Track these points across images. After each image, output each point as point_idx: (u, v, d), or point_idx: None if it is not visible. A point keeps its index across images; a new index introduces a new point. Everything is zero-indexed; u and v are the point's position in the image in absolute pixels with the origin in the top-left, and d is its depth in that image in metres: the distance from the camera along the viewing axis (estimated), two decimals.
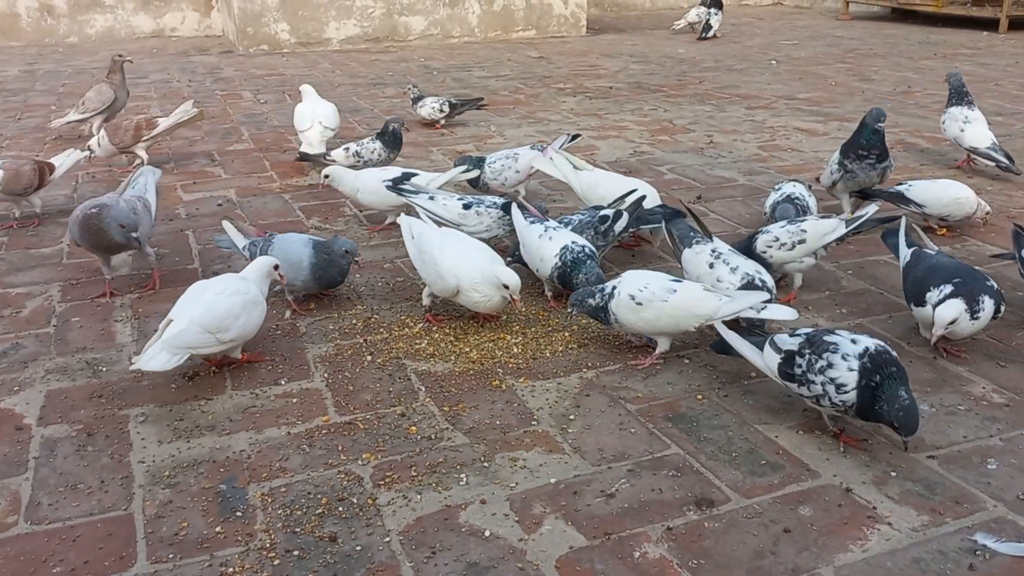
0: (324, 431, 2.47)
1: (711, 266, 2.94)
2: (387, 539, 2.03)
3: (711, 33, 10.70)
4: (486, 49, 10.09)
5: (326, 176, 4.15)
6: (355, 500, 2.16)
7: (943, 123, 4.93)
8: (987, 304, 2.72)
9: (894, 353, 2.30)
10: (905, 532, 2.03)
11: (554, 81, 7.98)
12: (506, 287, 2.90)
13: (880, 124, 3.83)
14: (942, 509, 2.10)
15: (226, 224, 3.47)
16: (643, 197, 3.45)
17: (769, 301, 2.74)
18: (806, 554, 1.96)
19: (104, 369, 2.82)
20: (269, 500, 2.17)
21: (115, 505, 2.16)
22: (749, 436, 2.42)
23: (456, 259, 2.98)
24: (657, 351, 2.83)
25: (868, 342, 2.30)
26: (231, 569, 1.94)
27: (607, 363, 2.83)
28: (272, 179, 4.97)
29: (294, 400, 2.63)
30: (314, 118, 5.10)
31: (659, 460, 2.31)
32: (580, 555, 1.97)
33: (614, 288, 2.81)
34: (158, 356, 2.56)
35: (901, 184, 4.03)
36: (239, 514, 2.12)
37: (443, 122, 6.16)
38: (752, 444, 2.38)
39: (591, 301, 2.83)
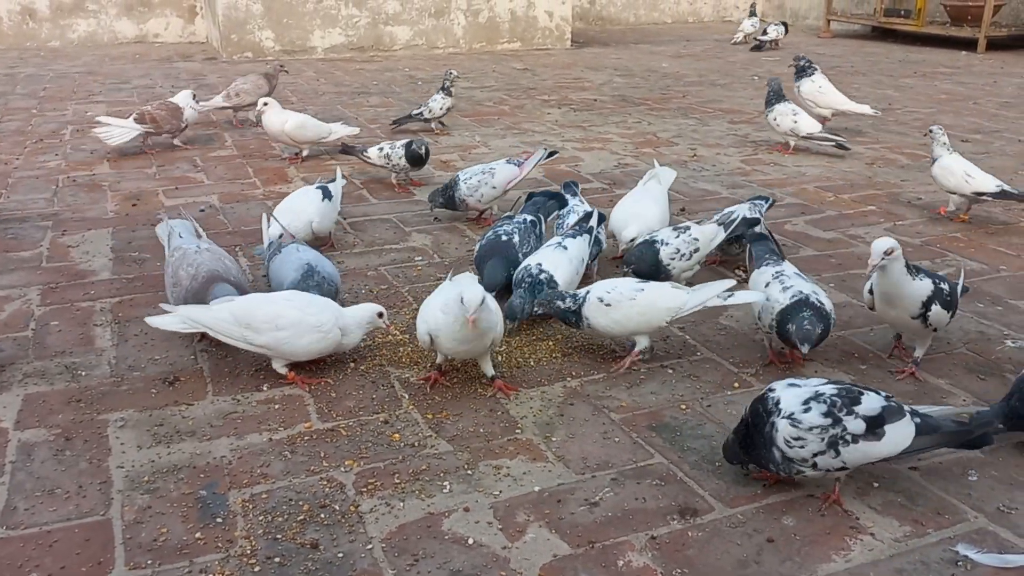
0: (306, 437, 2.45)
1: (767, 285, 2.87)
2: (369, 546, 2.01)
3: (768, 42, 11.05)
4: (471, 60, 10.12)
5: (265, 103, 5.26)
6: (337, 507, 2.14)
7: (774, 120, 5.65)
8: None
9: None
10: (887, 542, 2.04)
11: (539, 93, 8.01)
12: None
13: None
14: (924, 520, 2.11)
15: (267, 221, 3.48)
16: (747, 220, 3.49)
17: (733, 289, 2.83)
18: (789, 564, 1.97)
19: (83, 373, 2.79)
20: (250, 506, 2.14)
21: (93, 510, 2.12)
22: None
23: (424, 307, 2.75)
24: (636, 349, 2.86)
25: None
26: (211, 575, 1.92)
27: (591, 372, 2.83)
28: (255, 185, 4.94)
29: (276, 406, 2.60)
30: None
31: (643, 469, 2.31)
32: (564, 563, 1.96)
33: (587, 292, 2.83)
34: (170, 317, 2.63)
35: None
36: (219, 520, 2.09)
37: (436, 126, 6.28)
38: None
39: (560, 304, 2.84)
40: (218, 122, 6.57)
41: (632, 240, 3.49)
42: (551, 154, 4.49)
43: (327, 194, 3.84)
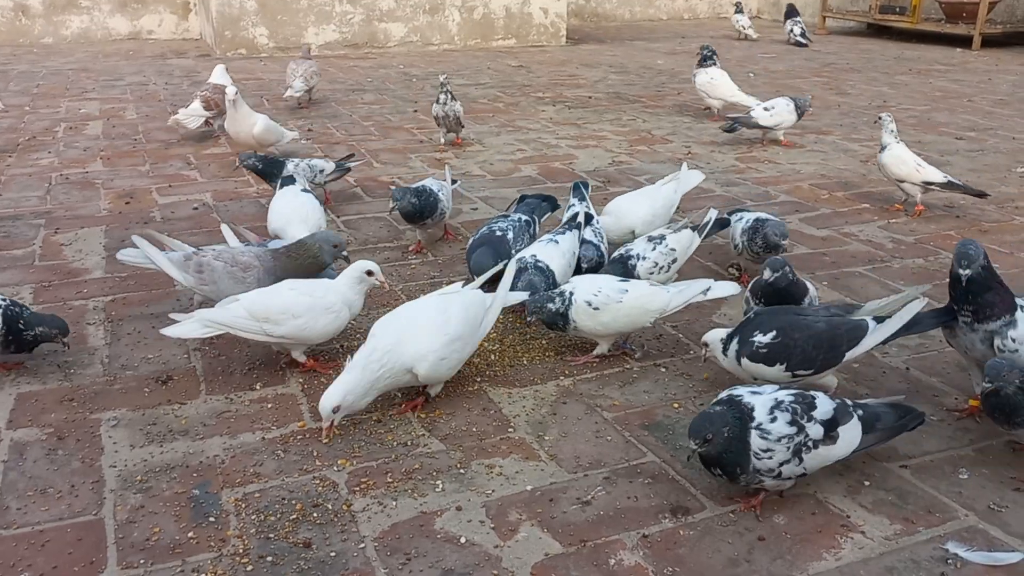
0: (299, 436, 2.45)
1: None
2: (362, 545, 2.01)
3: (803, 39, 11.15)
4: (466, 57, 10.11)
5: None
6: (330, 506, 2.15)
7: (694, 78, 6.50)
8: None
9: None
10: (878, 541, 2.05)
11: (533, 90, 8.00)
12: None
13: None
14: (914, 518, 2.12)
15: (224, 228, 3.39)
16: (720, 221, 3.51)
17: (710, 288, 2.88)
18: (780, 562, 1.97)
19: (76, 372, 2.78)
20: (243, 505, 2.14)
21: (85, 510, 2.12)
22: None
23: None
24: (595, 352, 2.89)
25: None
26: (203, 575, 1.91)
27: (584, 371, 2.84)
28: (248, 183, 4.93)
29: (269, 405, 2.60)
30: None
31: (635, 468, 2.32)
32: (556, 562, 1.97)
33: (571, 295, 2.82)
34: (188, 323, 2.64)
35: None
36: (212, 519, 2.09)
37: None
38: None
39: (551, 306, 2.83)
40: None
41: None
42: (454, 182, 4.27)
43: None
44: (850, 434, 2.14)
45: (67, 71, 8.78)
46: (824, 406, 2.12)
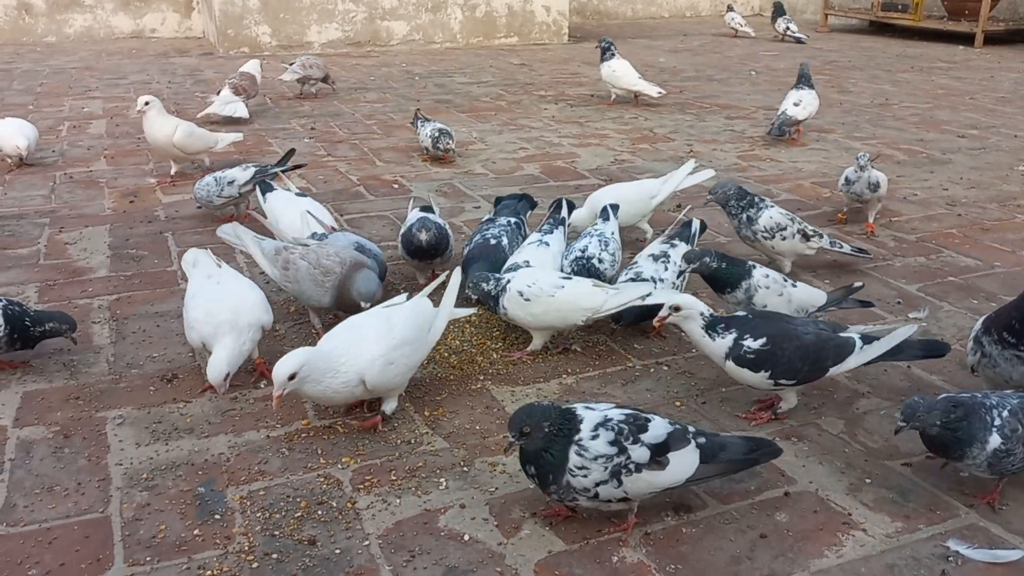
0: (304, 434, 2.46)
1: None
2: (366, 543, 2.03)
3: (801, 35, 11.23)
4: (468, 55, 10.11)
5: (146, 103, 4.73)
6: (334, 504, 2.16)
7: (600, 71, 6.90)
8: None
9: None
10: (879, 538, 2.06)
11: (536, 88, 8.01)
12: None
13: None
14: (915, 516, 2.13)
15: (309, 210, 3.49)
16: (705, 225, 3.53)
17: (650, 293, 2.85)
18: (782, 560, 1.99)
19: (82, 371, 2.80)
20: (248, 503, 2.16)
21: (92, 507, 2.14)
22: None
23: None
24: (529, 348, 2.92)
25: None
26: (209, 572, 1.93)
27: (586, 369, 2.85)
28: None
29: (273, 403, 2.61)
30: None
31: None
32: (559, 559, 1.98)
33: (508, 282, 2.86)
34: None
35: None
36: (217, 517, 2.11)
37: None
38: None
39: (484, 286, 2.89)
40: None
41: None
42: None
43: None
44: (683, 462, 2.02)
45: (70, 70, 8.80)
46: (657, 430, 2.02)
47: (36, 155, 5.35)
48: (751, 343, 2.42)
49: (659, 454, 2.00)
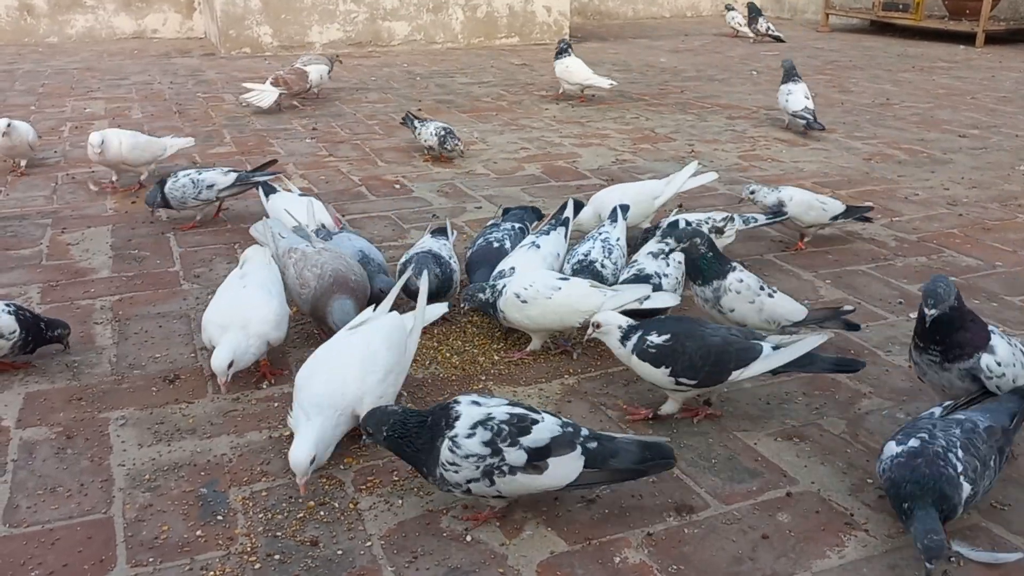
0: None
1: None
2: (368, 543, 2.03)
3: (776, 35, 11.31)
4: (469, 55, 10.11)
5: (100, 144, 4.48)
6: (337, 504, 2.16)
7: (555, 68, 7.25)
8: None
9: None
10: (881, 539, 2.06)
11: (537, 88, 8.01)
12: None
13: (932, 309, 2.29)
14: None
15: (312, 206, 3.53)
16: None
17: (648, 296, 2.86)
18: (784, 560, 1.99)
19: (84, 372, 2.80)
20: (250, 504, 2.16)
21: (95, 508, 2.14)
22: (728, 443, 2.44)
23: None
24: (528, 348, 2.92)
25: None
26: (211, 573, 1.93)
27: (588, 370, 2.85)
28: None
29: (276, 404, 2.62)
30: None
31: None
32: (561, 560, 1.99)
33: (504, 286, 2.86)
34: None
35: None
36: (220, 518, 2.11)
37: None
38: (731, 451, 2.40)
39: (480, 296, 2.90)
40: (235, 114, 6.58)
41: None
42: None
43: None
44: (564, 468, 1.99)
45: (72, 70, 8.81)
46: (540, 433, 1.98)
47: (38, 156, 5.37)
48: (654, 338, 2.43)
49: (538, 458, 1.97)
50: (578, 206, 3.52)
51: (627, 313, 2.79)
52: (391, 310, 2.63)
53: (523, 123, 6.56)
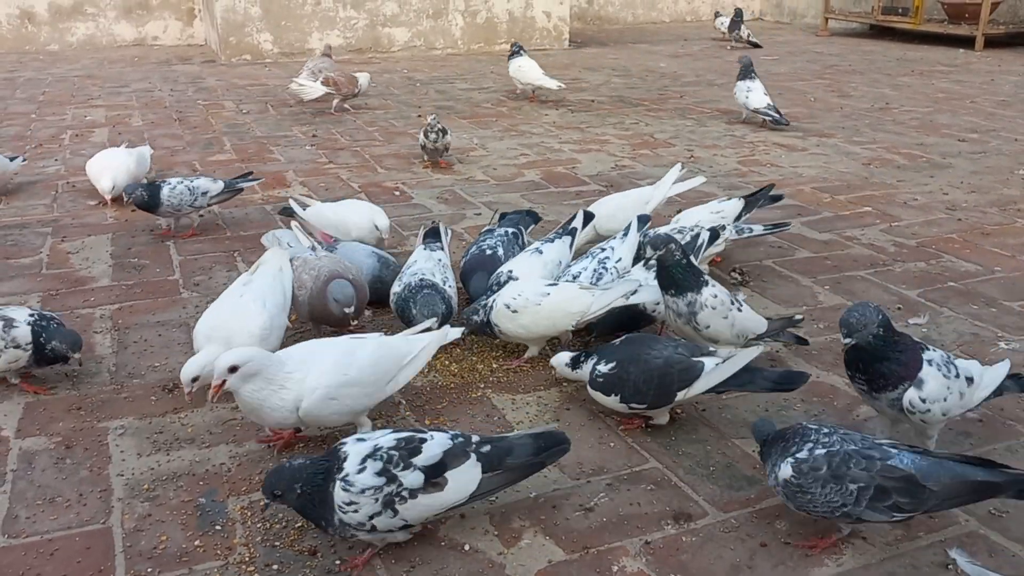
0: (303, 445, 2.47)
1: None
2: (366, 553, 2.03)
3: (754, 41, 11.30)
4: (469, 61, 10.13)
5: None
6: None
7: (508, 68, 7.58)
8: None
9: None
10: (879, 547, 2.06)
11: (536, 94, 8.01)
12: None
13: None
14: (915, 524, 2.13)
15: (294, 226, 3.54)
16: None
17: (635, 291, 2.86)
18: (782, 568, 1.99)
19: (83, 381, 2.81)
20: (249, 513, 2.17)
21: (93, 519, 2.15)
22: (726, 450, 2.44)
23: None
24: (527, 354, 2.93)
25: None
26: None
27: None
28: (254, 190, 4.95)
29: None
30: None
31: (637, 474, 2.33)
32: (559, 569, 1.99)
33: (493, 300, 2.88)
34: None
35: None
36: (218, 528, 2.12)
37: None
38: (729, 458, 2.41)
39: (476, 319, 2.91)
40: (232, 120, 6.60)
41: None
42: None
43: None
44: (464, 478, 1.97)
45: (73, 78, 8.83)
46: (431, 450, 1.96)
47: (38, 164, 5.38)
48: (602, 367, 2.48)
49: (435, 475, 1.94)
50: (588, 217, 3.51)
51: (620, 310, 2.81)
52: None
53: (523, 129, 6.57)
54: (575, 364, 2.58)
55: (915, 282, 3.61)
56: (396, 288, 3.02)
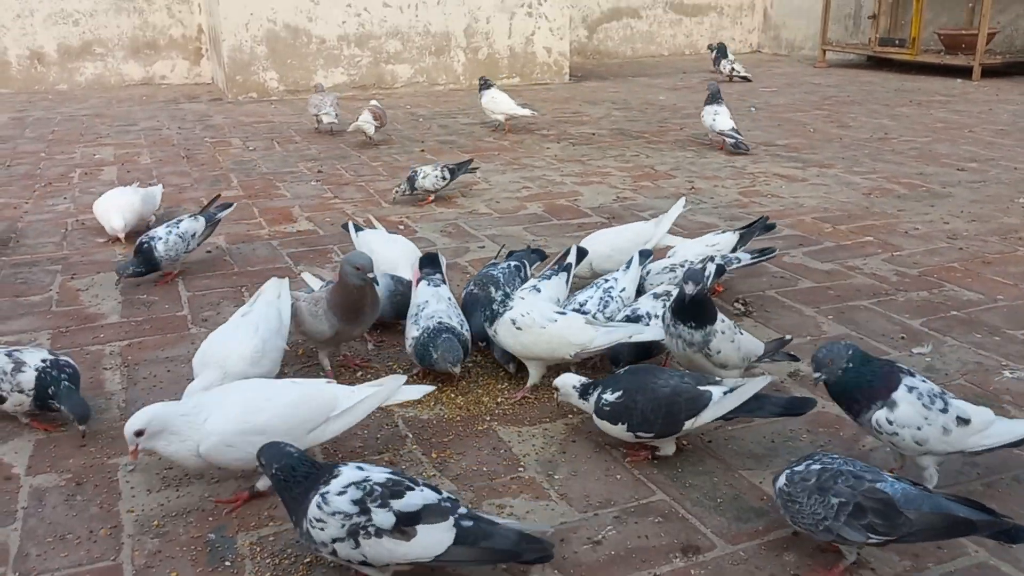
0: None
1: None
2: None
3: (743, 75, 11.25)
4: (471, 96, 10.20)
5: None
6: None
7: (480, 100, 7.88)
8: None
9: None
10: None
11: (538, 127, 8.11)
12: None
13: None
14: (924, 554, 2.13)
15: (305, 276, 3.64)
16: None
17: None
18: None
19: (93, 417, 2.82)
20: (258, 549, 2.18)
21: (104, 555, 2.16)
22: (734, 482, 2.45)
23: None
24: (529, 383, 2.95)
25: None
26: None
27: None
28: (261, 226, 5.01)
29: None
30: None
31: (645, 506, 2.34)
32: None
33: (506, 309, 2.90)
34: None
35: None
36: (228, 563, 2.13)
37: (433, 197, 5.52)
38: (737, 490, 2.41)
39: (493, 293, 2.94)
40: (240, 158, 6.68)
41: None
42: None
43: None
44: (432, 537, 1.93)
45: (81, 116, 8.95)
46: (413, 499, 1.95)
47: (48, 203, 5.44)
48: (608, 396, 2.49)
49: (407, 523, 1.93)
50: (581, 253, 3.55)
51: (628, 346, 2.83)
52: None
53: (525, 162, 6.64)
54: (583, 393, 2.57)
55: (918, 311, 3.63)
56: (414, 332, 2.98)
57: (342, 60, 10.40)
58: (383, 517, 1.92)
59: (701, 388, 2.47)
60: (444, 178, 5.42)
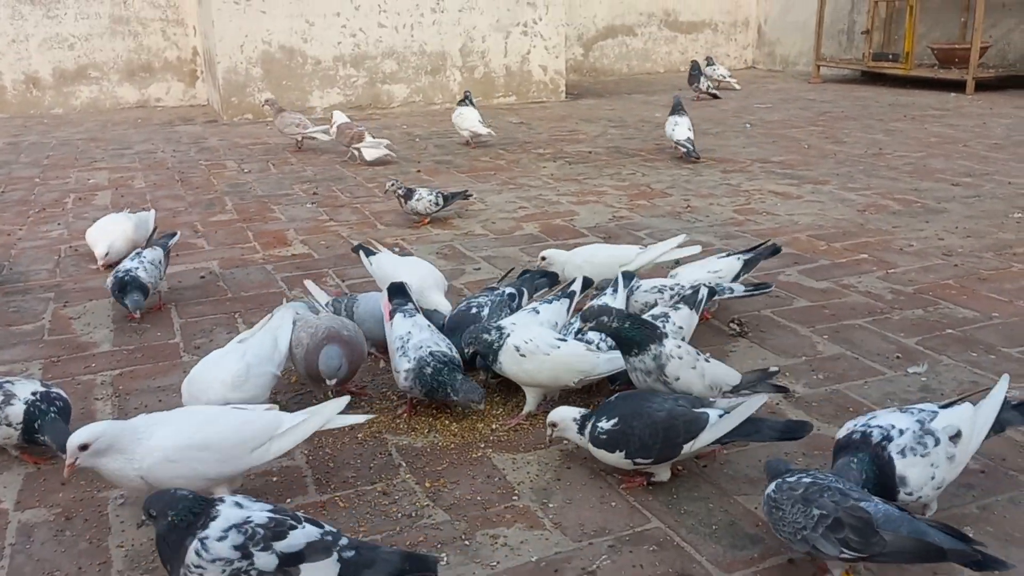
0: (303, 510, 2.45)
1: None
2: None
3: (717, 92, 11.36)
4: None
5: None
6: None
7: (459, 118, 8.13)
8: None
9: None
10: None
11: (534, 146, 8.13)
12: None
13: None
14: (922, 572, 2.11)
15: (308, 284, 3.61)
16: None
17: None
18: None
19: None
20: None
21: None
22: (729, 508, 2.43)
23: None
24: (524, 410, 2.93)
25: None
26: None
27: None
28: (255, 250, 5.00)
29: (274, 479, 2.62)
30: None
31: (640, 535, 2.32)
32: None
33: (507, 336, 2.89)
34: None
35: None
36: None
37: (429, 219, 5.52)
38: (732, 516, 2.39)
39: (486, 337, 2.92)
40: (226, 181, 6.68)
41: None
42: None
43: None
44: (318, 574, 1.90)
45: (76, 140, 8.97)
46: (296, 539, 1.91)
47: (42, 229, 5.43)
48: (604, 424, 2.46)
49: (290, 563, 1.89)
50: (586, 283, 3.52)
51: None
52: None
53: (521, 182, 6.64)
54: (582, 426, 2.52)
55: (913, 330, 3.62)
56: (406, 364, 2.89)
57: (338, 80, 10.44)
58: (266, 560, 1.88)
59: (697, 410, 2.46)
60: (437, 204, 5.42)
